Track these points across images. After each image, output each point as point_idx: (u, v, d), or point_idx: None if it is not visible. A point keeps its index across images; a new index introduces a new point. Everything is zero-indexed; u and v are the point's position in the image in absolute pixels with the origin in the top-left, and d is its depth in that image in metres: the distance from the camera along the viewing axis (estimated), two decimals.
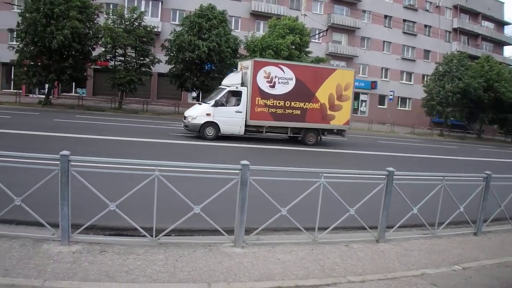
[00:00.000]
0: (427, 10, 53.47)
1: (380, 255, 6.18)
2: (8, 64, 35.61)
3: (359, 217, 6.37)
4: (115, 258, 5.04)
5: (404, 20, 51.72)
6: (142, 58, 33.38)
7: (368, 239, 6.65)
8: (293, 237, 6.43)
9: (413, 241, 7.04)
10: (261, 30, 42.32)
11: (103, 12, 33.22)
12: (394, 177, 6.54)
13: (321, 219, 6.16)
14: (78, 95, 36.62)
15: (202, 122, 18.86)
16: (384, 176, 6.54)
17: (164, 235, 5.61)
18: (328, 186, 6.13)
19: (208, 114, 18.98)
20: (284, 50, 30.75)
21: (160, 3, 41.21)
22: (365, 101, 50.90)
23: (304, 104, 20.29)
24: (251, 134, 20.16)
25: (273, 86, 19.69)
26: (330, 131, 21.67)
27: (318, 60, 34.75)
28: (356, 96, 48.96)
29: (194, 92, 39.09)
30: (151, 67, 34.28)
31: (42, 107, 29.41)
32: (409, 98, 52.72)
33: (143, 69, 33.87)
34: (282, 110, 19.96)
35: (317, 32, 40.27)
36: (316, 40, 42.26)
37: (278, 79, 19.74)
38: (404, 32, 51.75)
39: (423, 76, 52.03)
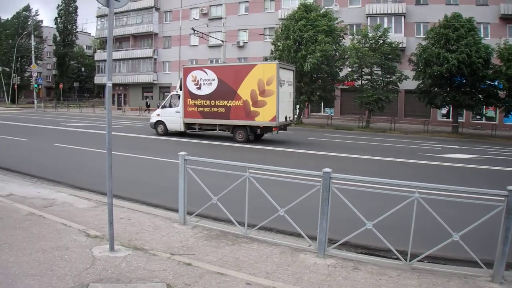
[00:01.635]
0: None
1: None
2: None
3: None
4: (368, 277, 5.00)
5: None
6: (388, 76, 32.95)
7: None
8: None
9: None
10: None
11: (347, 34, 34.43)
12: None
13: None
14: (327, 114, 38.65)
15: (154, 121, 23.54)
16: None
17: (417, 260, 5.35)
18: None
19: (158, 115, 23.46)
20: None
21: (403, 17, 40.04)
22: None
23: (228, 102, 20.80)
24: (191, 131, 22.65)
25: (199, 88, 21.49)
26: (264, 129, 20.86)
27: None
28: None
29: (444, 109, 36.48)
30: (398, 84, 33.28)
31: (295, 126, 31.62)
32: None
33: (390, 86, 33.20)
34: (209, 108, 21.31)
35: None
36: None
37: (203, 81, 21.32)
38: None
39: None
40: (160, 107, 24.13)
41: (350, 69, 33.37)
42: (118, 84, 55.74)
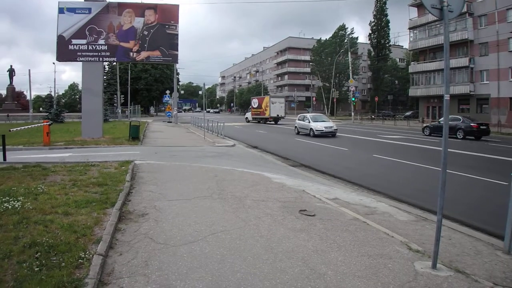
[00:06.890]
0: None
1: None
2: None
3: None
4: None
5: None
6: None
7: None
8: None
9: None
10: None
11: None
12: None
13: None
14: None
15: (245, 117, 61.91)
16: None
17: None
18: None
19: (246, 115, 62.29)
20: None
21: None
22: None
23: (259, 109, 53.97)
24: (254, 121, 55.69)
25: (254, 104, 56.31)
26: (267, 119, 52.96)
27: None
28: None
29: None
30: None
31: None
32: None
33: None
34: (256, 112, 55.07)
35: None
36: None
37: (255, 102, 56.51)
38: None
39: None
40: (246, 112, 61.80)
41: None
42: (432, 96, 54.51)
